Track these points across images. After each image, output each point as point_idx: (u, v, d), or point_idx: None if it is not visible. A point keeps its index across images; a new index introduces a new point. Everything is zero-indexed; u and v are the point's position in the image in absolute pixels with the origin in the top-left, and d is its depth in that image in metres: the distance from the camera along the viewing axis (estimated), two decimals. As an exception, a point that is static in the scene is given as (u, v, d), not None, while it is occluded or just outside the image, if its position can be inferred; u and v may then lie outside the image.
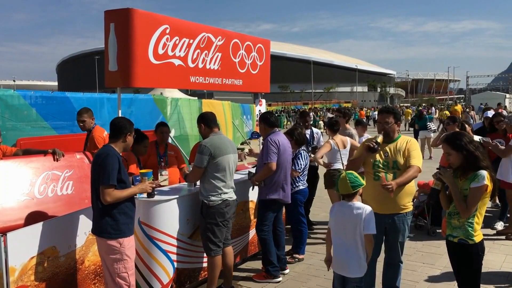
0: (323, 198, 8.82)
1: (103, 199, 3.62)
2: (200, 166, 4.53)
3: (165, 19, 4.88)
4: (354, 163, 4.33)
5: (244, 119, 19.75)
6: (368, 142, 4.15)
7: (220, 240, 4.65)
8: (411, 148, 4.14)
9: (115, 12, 4.57)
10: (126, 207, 3.80)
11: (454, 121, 7.44)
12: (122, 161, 3.80)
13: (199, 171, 4.56)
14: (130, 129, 3.89)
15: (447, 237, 3.58)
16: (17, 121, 7.70)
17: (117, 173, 3.68)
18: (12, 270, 3.42)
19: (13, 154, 4.81)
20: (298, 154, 5.93)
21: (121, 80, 4.59)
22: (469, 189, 3.40)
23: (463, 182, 3.50)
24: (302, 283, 5.20)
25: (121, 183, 3.72)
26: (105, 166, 3.63)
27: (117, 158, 3.72)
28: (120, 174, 3.72)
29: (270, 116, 5.43)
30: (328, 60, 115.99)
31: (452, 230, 3.53)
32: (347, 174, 3.65)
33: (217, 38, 5.57)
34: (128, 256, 3.77)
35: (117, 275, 3.74)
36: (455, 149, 3.51)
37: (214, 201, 4.54)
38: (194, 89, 6.28)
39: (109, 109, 9.47)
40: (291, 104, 64.69)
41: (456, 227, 3.50)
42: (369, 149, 4.09)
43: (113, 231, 3.69)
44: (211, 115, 4.79)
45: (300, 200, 5.95)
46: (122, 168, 3.76)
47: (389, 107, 4.46)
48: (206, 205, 4.56)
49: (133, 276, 3.83)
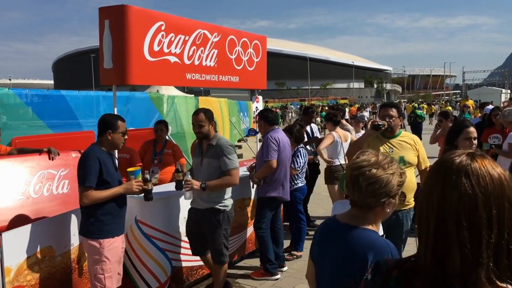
0: (322, 195, 8.81)
1: (81, 200, 3.57)
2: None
3: (160, 15, 4.84)
4: (357, 143, 4.29)
5: (241, 116, 19.71)
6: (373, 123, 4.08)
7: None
8: (421, 147, 4.14)
9: (110, 9, 4.53)
10: (112, 208, 3.67)
11: (446, 117, 7.30)
12: (107, 161, 3.67)
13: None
14: (114, 126, 3.71)
15: None
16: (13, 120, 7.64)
17: (99, 173, 3.56)
18: (7, 271, 3.39)
19: (8, 153, 4.77)
20: (297, 152, 5.91)
21: (117, 77, 4.55)
22: None
23: None
24: (300, 280, 5.19)
25: (105, 184, 3.60)
26: (82, 168, 3.57)
27: (97, 158, 3.58)
28: (103, 175, 3.59)
29: (270, 113, 5.41)
30: (324, 56, 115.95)
31: None
32: None
33: (213, 34, 5.53)
34: (107, 257, 3.62)
35: (94, 276, 3.65)
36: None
37: (228, 205, 4.46)
38: (190, 86, 6.24)
39: (105, 107, 9.40)
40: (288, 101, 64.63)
41: None
42: (375, 127, 3.99)
43: (96, 231, 3.60)
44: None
45: (299, 198, 5.94)
46: (106, 168, 3.62)
47: (392, 101, 4.45)
48: (221, 211, 4.38)
49: (110, 279, 3.65)
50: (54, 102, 8.41)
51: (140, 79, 4.69)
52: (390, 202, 1.84)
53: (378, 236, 1.88)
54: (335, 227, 1.95)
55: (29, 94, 8.08)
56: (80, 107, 8.85)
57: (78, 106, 8.78)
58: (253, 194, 5.63)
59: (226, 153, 4.28)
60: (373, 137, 4.13)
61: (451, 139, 3.91)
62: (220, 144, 4.29)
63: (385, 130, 4.05)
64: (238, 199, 5.51)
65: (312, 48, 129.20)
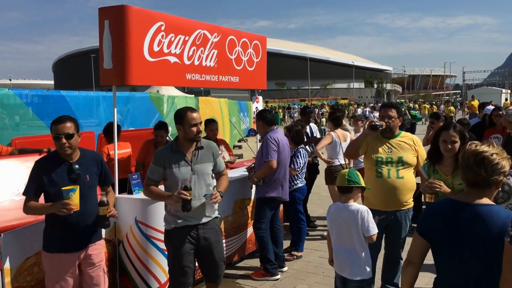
0: (322, 195, 8.81)
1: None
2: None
3: (160, 15, 4.83)
4: (353, 144, 4.31)
5: (241, 116, 19.71)
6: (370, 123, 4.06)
7: None
8: (421, 148, 4.16)
9: (110, 9, 4.52)
10: (50, 223, 3.36)
11: (437, 117, 7.28)
12: (57, 170, 3.30)
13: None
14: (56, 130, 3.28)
15: None
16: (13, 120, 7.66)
17: (39, 182, 3.27)
18: (7, 271, 3.39)
19: (9, 154, 4.77)
20: (296, 153, 5.92)
21: (116, 78, 4.55)
22: None
23: (451, 177, 3.55)
24: (301, 280, 5.18)
25: (48, 196, 3.29)
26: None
27: (38, 165, 3.33)
28: (45, 186, 3.29)
29: (268, 114, 5.41)
30: (324, 56, 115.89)
31: None
32: (349, 170, 3.62)
33: (213, 34, 5.53)
34: (48, 271, 3.36)
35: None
36: (463, 138, 3.59)
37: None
38: (190, 86, 6.23)
39: (105, 107, 9.42)
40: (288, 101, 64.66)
41: None
42: (372, 127, 3.99)
43: (44, 241, 3.41)
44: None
45: (298, 198, 5.94)
46: (48, 178, 3.28)
47: (391, 102, 4.44)
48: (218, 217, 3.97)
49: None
50: (54, 103, 8.43)
51: (140, 80, 4.68)
52: (503, 181, 2.26)
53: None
54: (458, 206, 2.28)
55: (29, 95, 8.10)
56: (80, 107, 8.87)
57: (78, 106, 8.80)
58: (252, 195, 5.63)
59: (218, 152, 4.00)
60: (373, 137, 4.13)
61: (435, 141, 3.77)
62: (210, 144, 3.86)
63: (385, 130, 4.04)
64: (238, 199, 5.51)
65: (312, 48, 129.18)
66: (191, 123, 3.63)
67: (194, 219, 3.68)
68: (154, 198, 3.86)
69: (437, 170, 3.66)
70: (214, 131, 6.29)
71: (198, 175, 3.68)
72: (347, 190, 3.53)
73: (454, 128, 3.66)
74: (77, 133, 3.37)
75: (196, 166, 3.68)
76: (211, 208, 3.77)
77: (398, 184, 4.02)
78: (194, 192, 3.56)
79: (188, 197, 3.46)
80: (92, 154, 3.61)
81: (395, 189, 4.02)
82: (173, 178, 3.64)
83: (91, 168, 3.47)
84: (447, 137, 3.62)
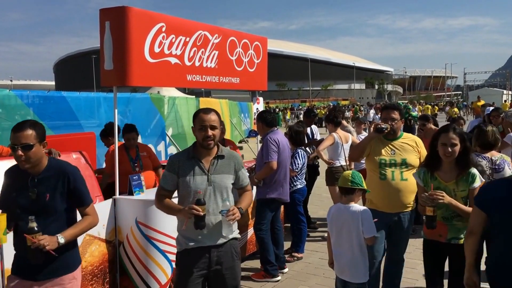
0: (322, 196, 8.81)
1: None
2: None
3: (161, 17, 4.84)
4: (358, 147, 4.24)
5: (242, 117, 19.70)
6: (376, 126, 3.99)
7: None
8: (423, 149, 4.12)
9: (110, 10, 4.53)
10: (14, 243, 2.89)
11: (427, 119, 7.25)
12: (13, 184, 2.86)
13: None
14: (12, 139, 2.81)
15: (449, 241, 3.47)
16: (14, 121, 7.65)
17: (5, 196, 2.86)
18: (8, 272, 3.38)
19: (10, 155, 4.76)
20: (295, 153, 5.92)
21: (117, 79, 4.55)
22: (469, 190, 3.37)
23: (453, 183, 3.40)
24: (301, 281, 5.18)
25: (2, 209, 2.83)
26: None
27: (6, 175, 2.92)
28: (4, 197, 2.87)
29: (268, 115, 5.41)
30: (325, 57, 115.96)
31: (456, 232, 3.43)
32: (353, 171, 3.59)
33: (213, 36, 5.53)
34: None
35: None
36: (463, 141, 3.40)
37: None
38: (191, 87, 6.23)
39: (105, 108, 9.40)
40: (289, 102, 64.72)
41: (461, 229, 3.39)
42: (377, 130, 3.95)
43: None
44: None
45: (298, 199, 5.95)
46: (8, 192, 2.86)
47: (394, 104, 4.41)
48: (237, 239, 3.37)
49: None
50: (55, 103, 8.41)
51: (141, 81, 4.68)
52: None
53: None
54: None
55: (30, 95, 8.09)
56: (81, 108, 8.85)
57: (79, 107, 8.78)
58: (253, 196, 5.62)
59: (243, 165, 3.43)
60: (375, 139, 4.10)
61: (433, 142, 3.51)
62: (232, 154, 3.35)
63: (388, 132, 4.01)
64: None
65: (313, 49, 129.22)
66: (199, 125, 3.15)
67: (207, 239, 3.14)
68: (166, 211, 3.31)
69: (435, 177, 3.49)
70: (131, 141, 5.91)
71: (214, 187, 3.15)
72: (349, 191, 3.52)
73: (453, 130, 3.42)
74: (40, 142, 2.79)
75: (213, 177, 3.17)
76: (228, 227, 3.20)
77: (402, 186, 3.98)
78: (208, 207, 3.06)
79: (201, 213, 2.96)
80: (59, 168, 2.90)
81: (399, 191, 3.98)
82: (185, 188, 3.15)
83: (54, 185, 2.83)
84: (447, 140, 3.38)
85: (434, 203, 3.25)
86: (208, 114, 3.17)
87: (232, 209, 3.04)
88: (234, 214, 3.02)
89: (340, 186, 3.59)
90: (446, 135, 3.41)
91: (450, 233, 3.46)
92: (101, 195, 4.78)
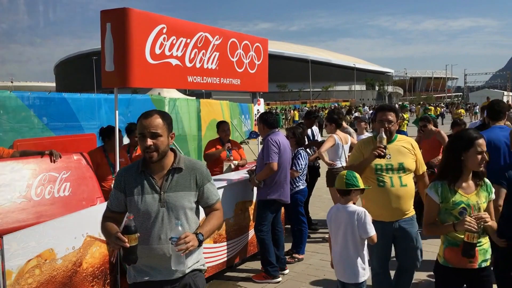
0: (323, 197, 8.81)
1: None
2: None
3: (162, 18, 4.85)
4: (359, 168, 3.80)
5: (243, 118, 19.71)
6: (376, 150, 3.66)
7: None
8: (418, 151, 3.94)
9: (112, 12, 4.54)
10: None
11: (428, 121, 7.23)
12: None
13: None
14: None
15: (480, 265, 2.98)
16: (14, 122, 7.66)
17: None
18: (8, 274, 3.38)
19: (11, 156, 4.77)
20: (297, 154, 5.92)
21: (118, 80, 4.55)
22: (489, 202, 3.08)
23: (474, 195, 3.00)
24: (302, 283, 5.18)
25: None
26: None
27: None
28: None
29: (269, 116, 5.41)
30: (326, 59, 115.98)
31: (485, 254, 3.02)
32: (347, 171, 3.56)
33: (214, 37, 5.54)
34: None
35: None
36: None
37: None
38: (192, 89, 6.25)
39: (106, 110, 9.42)
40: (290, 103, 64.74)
41: (488, 249, 3.06)
42: (380, 157, 3.66)
43: None
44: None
45: (300, 200, 5.95)
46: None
47: (390, 105, 4.27)
48: (203, 271, 2.82)
49: None
50: (56, 105, 8.43)
51: (142, 82, 4.69)
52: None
53: None
54: None
55: (31, 97, 8.10)
56: (82, 109, 8.87)
57: (79, 109, 8.80)
58: (254, 197, 5.63)
59: (209, 177, 2.76)
60: (368, 143, 3.91)
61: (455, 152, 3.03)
62: (193, 165, 2.70)
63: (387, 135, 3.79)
64: (239, 202, 5.51)
65: (314, 50, 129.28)
66: (138, 133, 2.60)
67: (158, 272, 2.58)
68: (105, 237, 2.69)
69: (454, 191, 3.01)
70: (227, 132, 6.37)
71: (168, 208, 2.55)
72: (346, 192, 3.53)
73: (482, 136, 3.02)
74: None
75: (167, 195, 2.56)
76: (179, 259, 2.47)
77: (402, 192, 3.75)
78: (160, 233, 2.52)
79: (126, 244, 2.32)
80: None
81: (399, 198, 3.74)
82: (134, 209, 2.55)
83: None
84: (482, 147, 2.95)
85: (480, 227, 2.82)
86: (148, 118, 2.57)
87: (183, 237, 2.38)
88: (187, 243, 2.37)
89: (336, 187, 3.60)
90: (480, 142, 2.96)
91: (480, 256, 3.01)
92: (102, 197, 4.78)
